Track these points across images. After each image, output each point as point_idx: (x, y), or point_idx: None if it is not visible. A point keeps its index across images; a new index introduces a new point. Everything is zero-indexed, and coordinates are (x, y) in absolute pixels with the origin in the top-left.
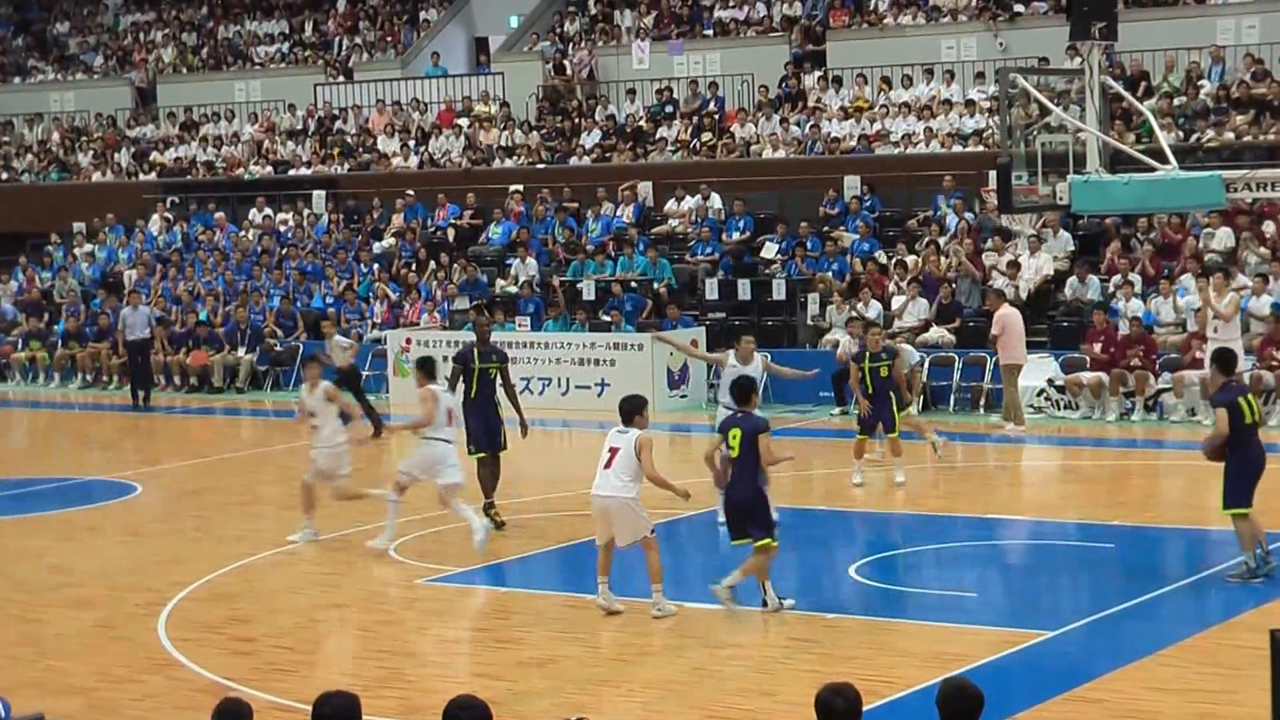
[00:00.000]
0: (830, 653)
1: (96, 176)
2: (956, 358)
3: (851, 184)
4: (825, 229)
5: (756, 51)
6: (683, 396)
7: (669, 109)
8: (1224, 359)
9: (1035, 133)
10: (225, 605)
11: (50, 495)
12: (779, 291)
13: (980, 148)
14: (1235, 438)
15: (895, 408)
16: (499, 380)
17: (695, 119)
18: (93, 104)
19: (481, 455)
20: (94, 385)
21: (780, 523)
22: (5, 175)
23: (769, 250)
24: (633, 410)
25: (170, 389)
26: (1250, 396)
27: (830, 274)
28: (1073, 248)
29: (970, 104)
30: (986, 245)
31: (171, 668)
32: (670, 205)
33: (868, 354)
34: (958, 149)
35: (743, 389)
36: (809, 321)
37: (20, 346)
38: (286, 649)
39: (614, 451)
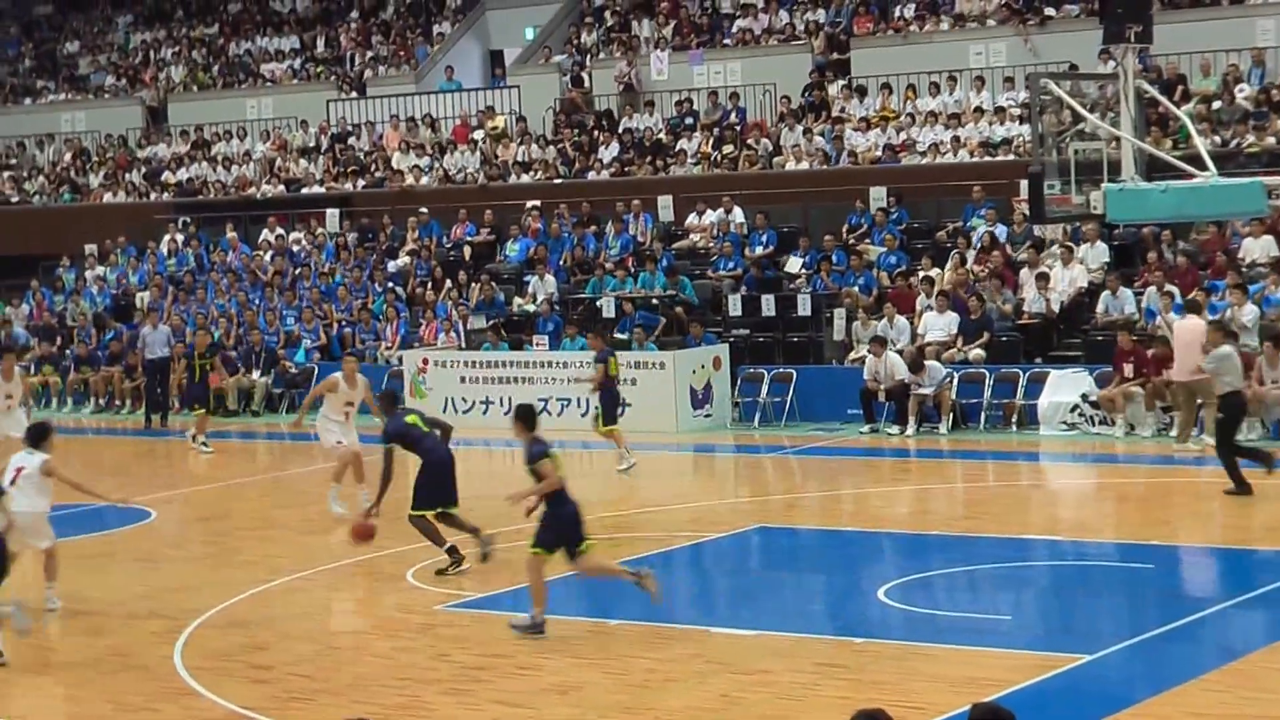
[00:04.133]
0: (860, 678)
1: (107, 197)
2: (987, 374)
3: (878, 196)
4: (851, 242)
5: (779, 61)
6: (706, 416)
7: (689, 121)
8: None
9: (1068, 140)
10: (242, 632)
11: (63, 521)
12: (804, 307)
13: (1011, 156)
14: None
15: None
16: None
17: (716, 131)
18: (103, 124)
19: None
20: (107, 410)
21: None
22: (16, 197)
23: (793, 265)
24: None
25: (185, 412)
26: None
27: (856, 289)
28: (1107, 259)
29: (1000, 111)
30: (1019, 257)
31: (188, 696)
32: (691, 219)
33: None
34: (987, 158)
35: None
36: (835, 338)
37: (33, 371)
38: (305, 677)
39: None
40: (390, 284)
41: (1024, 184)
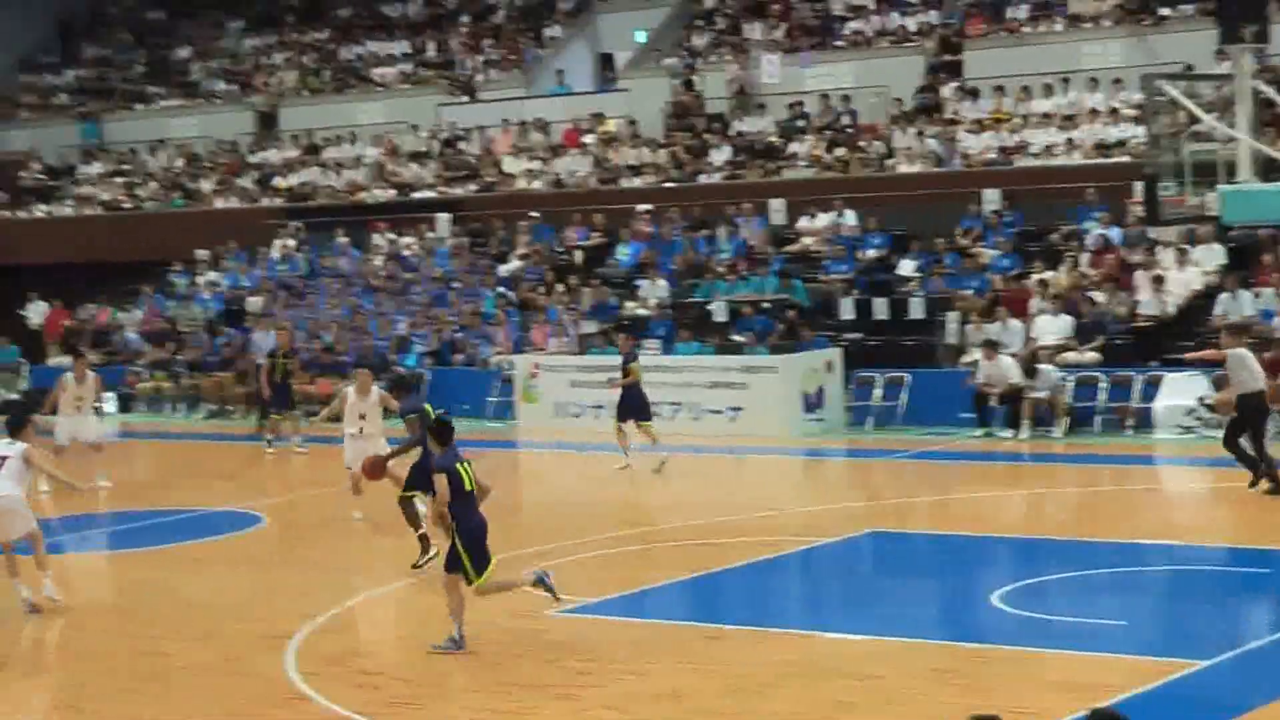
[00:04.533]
0: (973, 684)
1: (219, 203)
2: (1102, 377)
3: (990, 198)
4: (964, 245)
5: (891, 63)
6: (819, 420)
7: (800, 123)
8: None
9: (1183, 141)
10: (350, 638)
11: (175, 527)
12: (916, 310)
13: (1125, 158)
14: None
15: None
16: None
17: (828, 133)
18: (215, 129)
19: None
20: (219, 415)
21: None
22: (129, 203)
23: (906, 267)
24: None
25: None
26: None
27: (969, 292)
28: (1223, 261)
29: (1114, 113)
30: (1133, 259)
31: (298, 702)
32: (803, 222)
33: None
34: (1101, 160)
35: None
36: (947, 341)
37: (145, 377)
38: (412, 682)
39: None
40: (501, 288)
41: (1138, 186)
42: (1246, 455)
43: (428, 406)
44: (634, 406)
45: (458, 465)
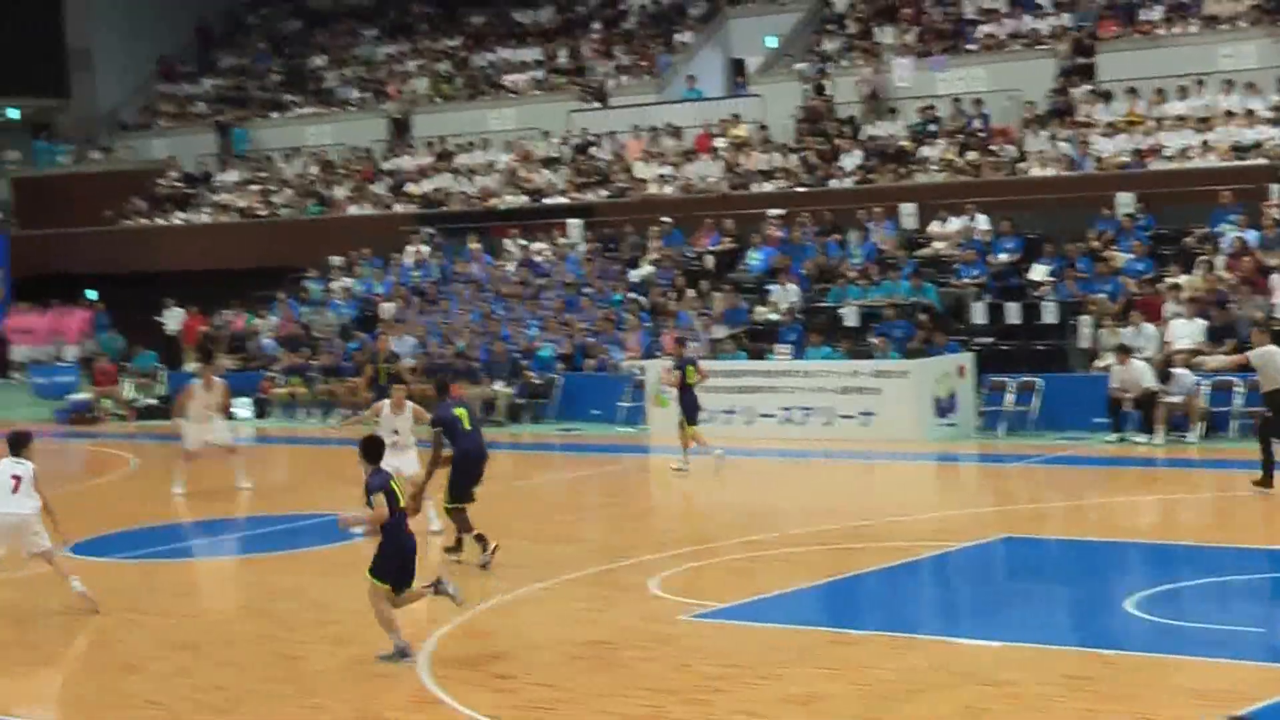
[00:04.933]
0: (1108, 691)
1: (353, 209)
2: (1238, 381)
3: (1124, 201)
4: (1097, 249)
5: (1023, 66)
6: (951, 425)
7: (932, 127)
8: None
9: None
10: (484, 642)
11: (309, 531)
12: (1049, 314)
13: (1261, 160)
14: None
15: None
16: None
17: (960, 137)
18: (349, 137)
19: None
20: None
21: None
22: (264, 210)
23: (1038, 272)
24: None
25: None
26: None
27: (1103, 296)
28: None
29: (1250, 115)
30: (1270, 262)
31: (432, 705)
32: (934, 226)
33: None
34: (1237, 162)
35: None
36: (1080, 345)
37: (280, 382)
38: (546, 686)
39: (17, 479)
40: (632, 293)
41: (1275, 188)
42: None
43: (461, 411)
44: (687, 409)
45: (392, 484)
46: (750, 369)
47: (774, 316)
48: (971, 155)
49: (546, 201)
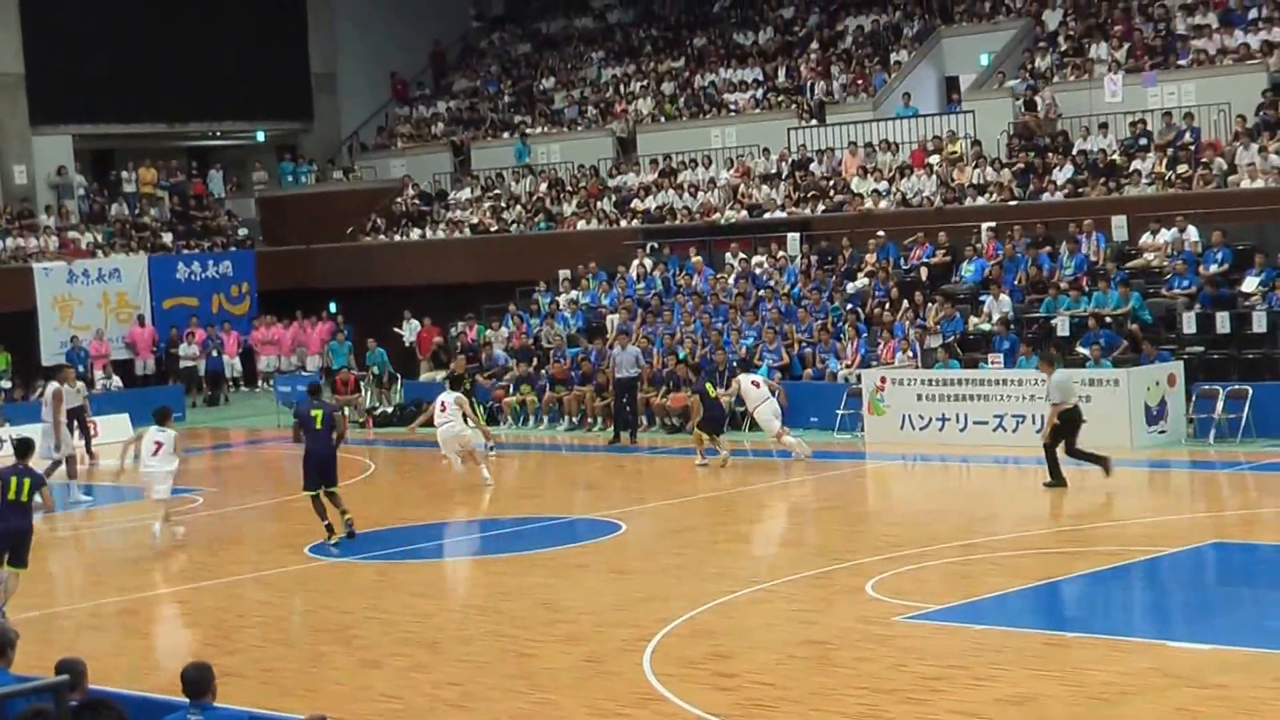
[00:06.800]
0: None
1: (580, 225)
2: None
3: None
4: None
5: (1233, 80)
6: (1161, 432)
7: (1143, 141)
8: None
9: None
10: (707, 641)
11: (542, 533)
12: (1259, 324)
13: None
14: None
15: None
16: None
17: (1170, 150)
18: (576, 155)
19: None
20: (579, 427)
21: None
22: (495, 226)
23: (1249, 283)
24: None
25: (652, 429)
26: None
27: None
28: None
29: None
30: None
31: (657, 702)
32: (1145, 239)
33: None
34: None
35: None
36: None
37: (511, 391)
38: (767, 685)
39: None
40: (849, 304)
41: None
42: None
43: (317, 412)
44: (713, 419)
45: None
46: (964, 377)
47: (987, 327)
48: (1182, 168)
49: (766, 216)
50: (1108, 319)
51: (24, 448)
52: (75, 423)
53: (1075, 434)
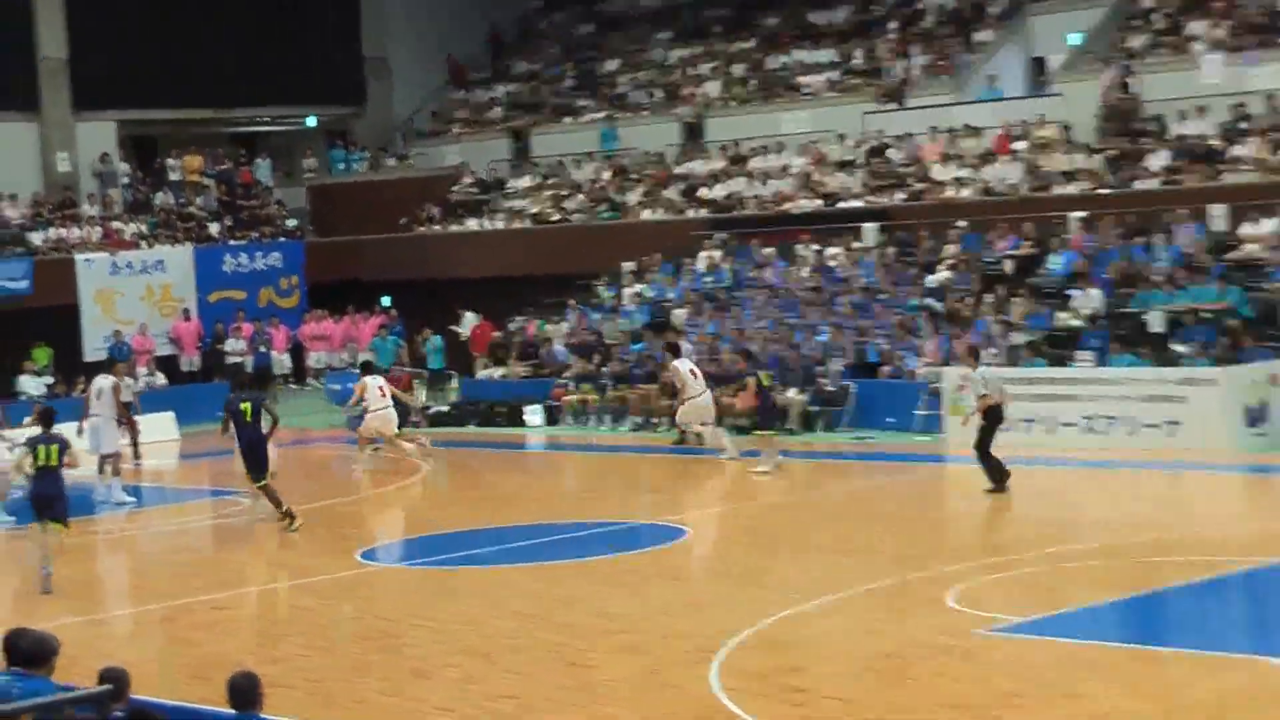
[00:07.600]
0: None
1: (645, 214)
2: None
3: None
4: None
5: None
6: (1262, 435)
7: (1243, 125)
8: None
9: None
10: (776, 653)
11: (601, 539)
12: None
13: None
14: None
15: None
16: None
17: (1273, 135)
18: (641, 141)
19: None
20: (644, 428)
21: None
22: (556, 216)
23: None
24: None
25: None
26: None
27: None
28: None
29: None
30: None
31: (723, 717)
32: (1245, 228)
33: None
34: None
35: None
36: None
37: (572, 389)
38: (841, 699)
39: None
40: (929, 298)
41: None
42: None
43: (245, 405)
44: (768, 413)
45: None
46: (1051, 376)
47: (1076, 323)
48: None
49: (841, 205)
50: (1205, 314)
51: (46, 417)
52: (121, 421)
53: (992, 434)
